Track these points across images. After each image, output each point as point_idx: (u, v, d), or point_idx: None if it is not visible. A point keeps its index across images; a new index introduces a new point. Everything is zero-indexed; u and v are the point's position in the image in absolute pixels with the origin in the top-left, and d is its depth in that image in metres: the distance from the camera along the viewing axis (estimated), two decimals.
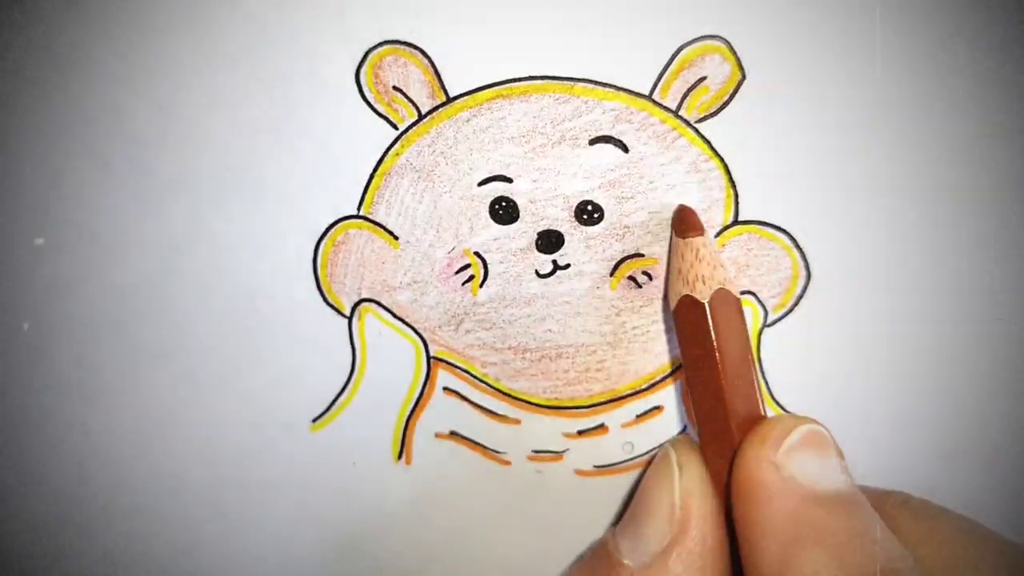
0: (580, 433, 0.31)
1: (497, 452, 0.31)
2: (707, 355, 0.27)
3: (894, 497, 0.28)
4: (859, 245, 0.29)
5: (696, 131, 0.28)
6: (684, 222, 0.28)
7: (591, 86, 0.28)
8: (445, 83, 0.28)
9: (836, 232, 0.29)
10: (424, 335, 0.31)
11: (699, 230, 0.28)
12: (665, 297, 0.30)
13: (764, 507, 0.24)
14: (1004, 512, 0.30)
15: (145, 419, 0.31)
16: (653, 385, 0.31)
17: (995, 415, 0.30)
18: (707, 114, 0.28)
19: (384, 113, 0.28)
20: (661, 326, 0.30)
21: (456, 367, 0.31)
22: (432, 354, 0.31)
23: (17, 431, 0.31)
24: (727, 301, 0.27)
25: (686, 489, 0.27)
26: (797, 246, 0.29)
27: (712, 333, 0.27)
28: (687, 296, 0.27)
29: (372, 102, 0.28)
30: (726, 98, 0.28)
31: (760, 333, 0.30)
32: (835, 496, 0.25)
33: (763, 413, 0.27)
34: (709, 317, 0.27)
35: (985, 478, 0.30)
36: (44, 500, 0.32)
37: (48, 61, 0.28)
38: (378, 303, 0.30)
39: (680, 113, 0.28)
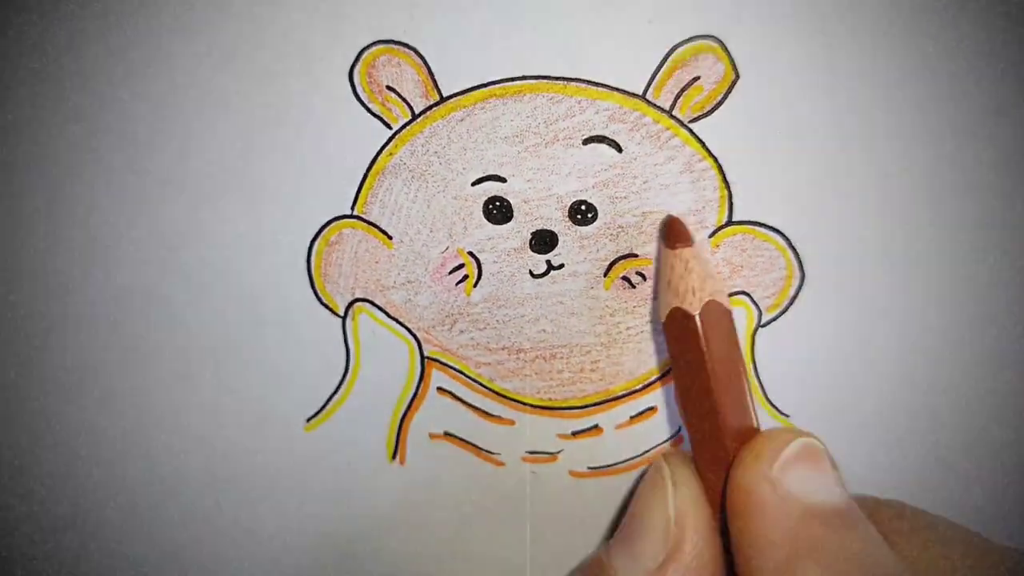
0: (574, 434, 0.31)
1: (491, 453, 0.31)
2: (698, 368, 0.26)
3: (889, 508, 0.28)
4: (853, 245, 0.29)
5: (690, 131, 0.28)
6: (673, 233, 0.28)
7: (584, 86, 0.28)
8: (439, 83, 0.28)
9: (830, 232, 0.29)
10: (418, 335, 0.30)
11: (688, 241, 0.28)
12: (654, 307, 0.29)
13: (761, 523, 0.24)
14: (1000, 512, 0.30)
15: (140, 418, 0.31)
16: (647, 386, 0.30)
17: (991, 415, 0.30)
18: (701, 114, 0.28)
19: (378, 112, 0.28)
20: (656, 326, 0.30)
21: (450, 367, 0.31)
22: (426, 354, 0.31)
23: (13, 430, 0.31)
24: (718, 312, 0.27)
25: (681, 505, 0.27)
26: (791, 246, 0.29)
27: (703, 345, 0.26)
28: (677, 308, 0.27)
29: (366, 101, 0.28)
30: (720, 98, 0.28)
31: (754, 333, 0.30)
32: (832, 511, 0.24)
33: (756, 425, 0.27)
34: (700, 329, 0.26)
35: (981, 478, 0.30)
36: (40, 499, 0.32)
37: (43, 61, 0.28)
38: (372, 303, 0.30)
39: (674, 113, 0.28)
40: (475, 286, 0.30)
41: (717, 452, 0.26)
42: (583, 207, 0.29)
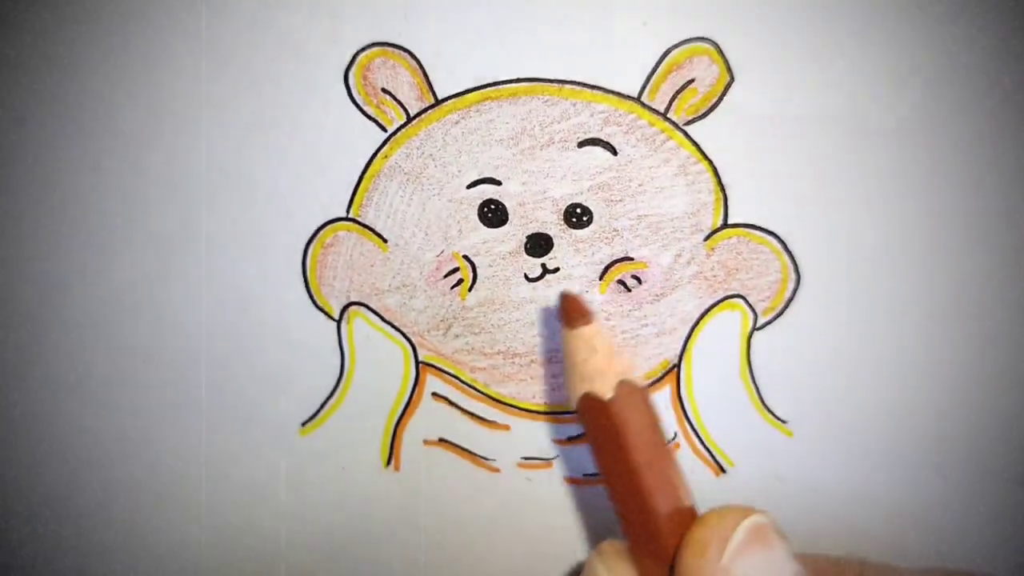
0: (570, 440, 0.31)
1: (487, 459, 0.31)
2: (620, 454, 0.25)
3: (850, 566, 0.27)
4: (848, 248, 0.29)
5: (685, 133, 0.28)
6: (570, 311, 0.26)
7: (580, 88, 0.28)
8: (433, 85, 0.28)
9: (825, 235, 0.29)
10: (413, 339, 0.30)
11: (588, 318, 0.26)
12: (567, 392, 0.28)
13: None
14: (997, 513, 0.30)
15: (135, 421, 0.31)
16: None
17: (987, 417, 0.30)
18: (696, 116, 0.28)
19: (373, 115, 0.29)
20: (651, 330, 0.30)
21: (445, 372, 0.31)
22: (421, 359, 0.31)
23: (10, 431, 0.31)
24: (631, 391, 0.25)
25: None
26: (786, 249, 0.29)
27: (622, 431, 0.25)
28: (588, 394, 0.26)
29: (361, 104, 0.28)
30: (715, 100, 0.28)
31: (750, 336, 0.30)
32: None
33: (691, 505, 0.25)
34: (616, 413, 0.25)
35: (978, 480, 0.30)
36: (36, 498, 0.31)
37: (39, 63, 0.28)
38: (367, 306, 0.30)
39: (669, 115, 0.28)
40: (470, 290, 0.30)
41: (655, 543, 0.25)
42: (578, 210, 0.29)
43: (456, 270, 0.30)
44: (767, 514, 0.24)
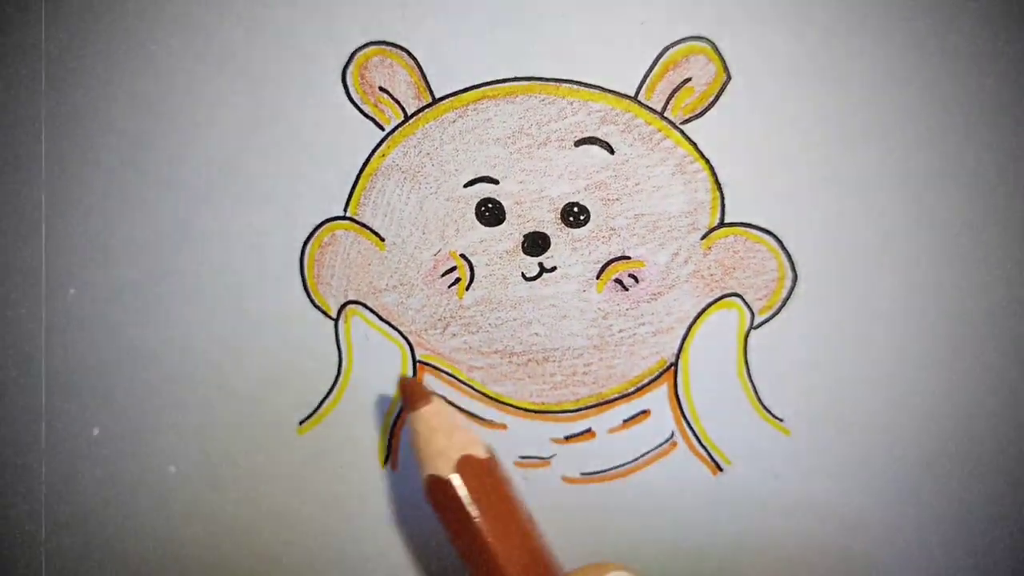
0: (567, 438, 0.31)
1: None
2: (470, 530, 0.24)
3: None
4: (845, 246, 0.29)
5: (682, 132, 0.28)
6: (408, 395, 0.26)
7: (577, 87, 0.28)
8: (431, 84, 0.28)
9: (822, 234, 0.29)
10: (410, 338, 0.30)
11: (426, 399, 0.26)
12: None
13: None
14: (994, 514, 0.30)
15: (133, 419, 0.31)
16: (640, 388, 0.30)
17: (984, 415, 0.30)
18: (692, 115, 0.28)
19: (370, 114, 0.29)
20: (648, 329, 0.30)
21: (442, 371, 0.31)
22: (418, 358, 0.31)
23: (11, 430, 0.31)
24: (476, 466, 0.25)
25: None
26: (783, 248, 0.29)
27: (466, 507, 0.24)
28: (430, 476, 0.25)
29: (358, 102, 0.29)
30: (711, 99, 0.28)
31: (747, 335, 0.30)
32: None
33: (552, 569, 0.25)
34: (457, 491, 0.25)
35: (975, 479, 0.30)
36: (37, 496, 0.32)
37: (38, 62, 0.28)
38: (364, 305, 0.30)
39: (666, 114, 0.28)
40: (467, 289, 0.30)
41: None
42: (575, 209, 0.29)
43: (453, 269, 0.30)
44: (631, 569, 0.24)
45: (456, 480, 0.25)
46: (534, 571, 0.24)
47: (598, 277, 0.29)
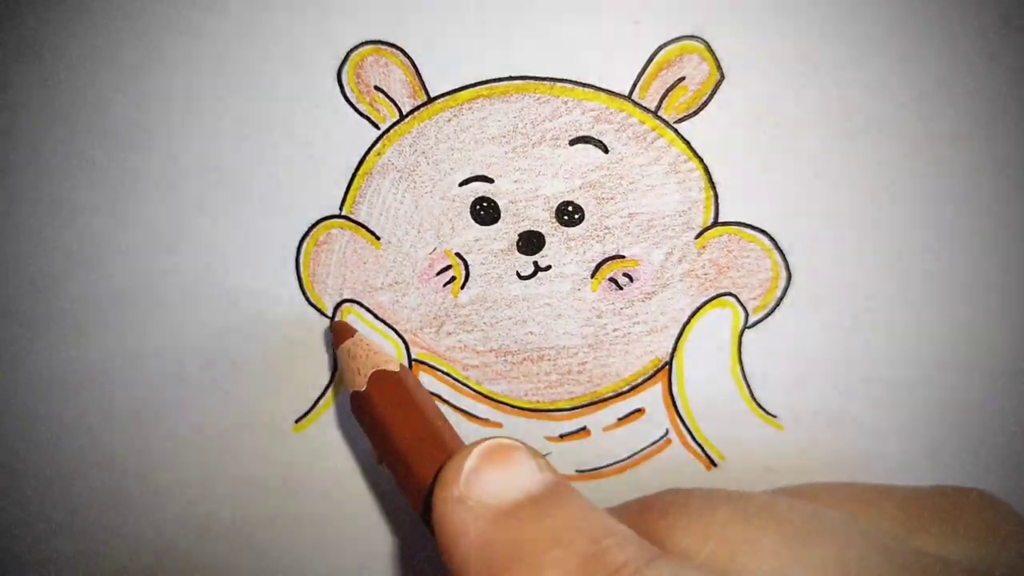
0: (562, 437, 0.31)
1: None
2: (384, 431, 0.26)
3: (666, 499, 0.24)
4: (839, 246, 0.29)
5: (675, 131, 0.28)
6: (336, 333, 0.29)
7: (571, 86, 0.28)
8: (426, 83, 0.28)
9: (816, 233, 0.29)
10: (405, 337, 0.30)
11: (350, 333, 0.29)
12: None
13: (461, 546, 0.22)
14: None
15: (129, 418, 0.31)
16: (634, 387, 0.30)
17: (979, 415, 0.30)
18: (686, 114, 0.28)
19: (366, 113, 0.29)
20: (642, 328, 0.30)
21: (438, 370, 0.31)
22: (414, 356, 0.31)
23: (4, 432, 0.31)
24: (388, 378, 0.27)
25: None
26: (777, 247, 0.29)
27: (379, 410, 0.27)
28: (353, 392, 0.28)
29: (354, 102, 0.29)
30: (705, 98, 0.28)
31: (741, 334, 0.30)
32: (527, 500, 0.22)
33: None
34: (371, 398, 0.27)
35: (966, 474, 0.30)
36: (30, 498, 0.32)
37: (34, 63, 0.28)
38: (360, 304, 0.30)
39: (659, 113, 0.28)
40: (462, 288, 0.30)
41: (421, 494, 0.25)
42: (570, 208, 0.29)
43: (449, 267, 0.30)
44: (511, 438, 0.24)
45: (369, 391, 0.27)
46: (439, 456, 0.25)
47: (593, 276, 0.30)
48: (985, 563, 0.22)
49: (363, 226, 0.30)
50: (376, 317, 0.30)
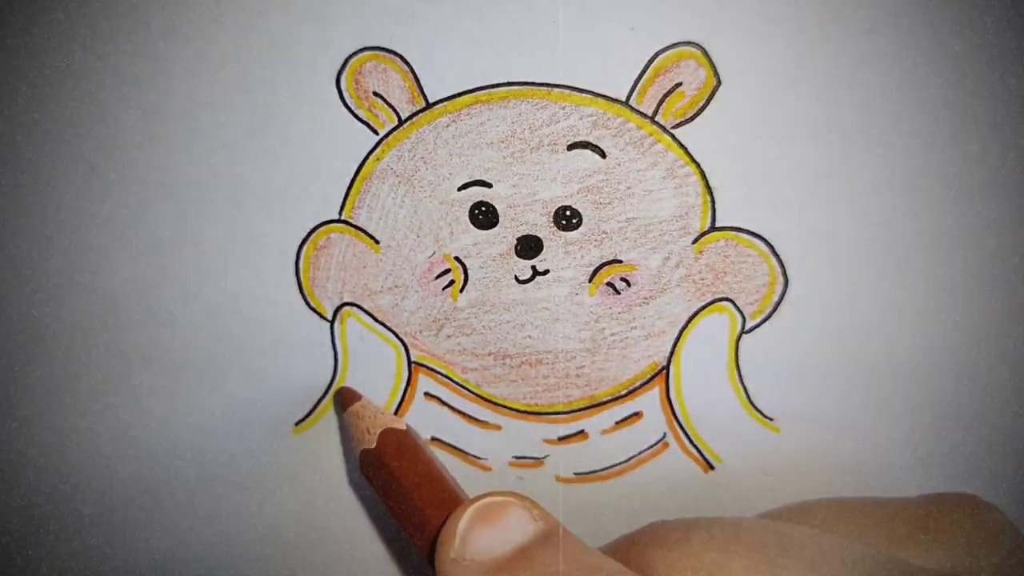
0: (560, 439, 0.31)
1: (478, 458, 0.31)
2: (394, 486, 0.27)
3: (657, 531, 0.25)
4: (836, 251, 0.29)
5: (672, 137, 0.28)
6: (342, 399, 0.31)
7: (568, 92, 0.28)
8: (424, 89, 0.28)
9: (813, 238, 0.29)
10: (405, 340, 0.31)
11: (356, 398, 0.30)
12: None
13: None
14: None
15: (130, 422, 0.31)
16: (632, 391, 0.31)
17: (976, 419, 0.30)
18: (683, 120, 0.28)
19: (364, 118, 0.29)
20: (640, 332, 0.30)
21: (437, 372, 0.31)
22: (413, 359, 0.31)
23: (4, 431, 0.31)
24: (397, 436, 0.28)
25: None
26: (774, 252, 0.29)
27: (389, 465, 0.28)
28: (363, 450, 0.29)
29: (353, 107, 0.29)
30: (701, 104, 0.28)
31: (738, 340, 0.30)
32: (516, 553, 0.24)
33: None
34: (382, 455, 0.28)
35: (962, 478, 0.30)
36: (29, 501, 0.32)
37: (33, 66, 0.29)
38: (360, 307, 0.30)
39: (656, 119, 0.28)
40: (461, 291, 0.30)
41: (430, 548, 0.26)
42: (568, 212, 0.29)
43: (447, 271, 0.30)
44: (506, 493, 0.25)
45: (379, 448, 0.28)
46: (449, 507, 0.26)
47: (590, 280, 0.30)
48: (969, 569, 0.22)
49: (362, 230, 0.30)
50: (376, 320, 0.31)
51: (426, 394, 0.31)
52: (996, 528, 0.24)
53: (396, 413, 0.31)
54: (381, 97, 0.29)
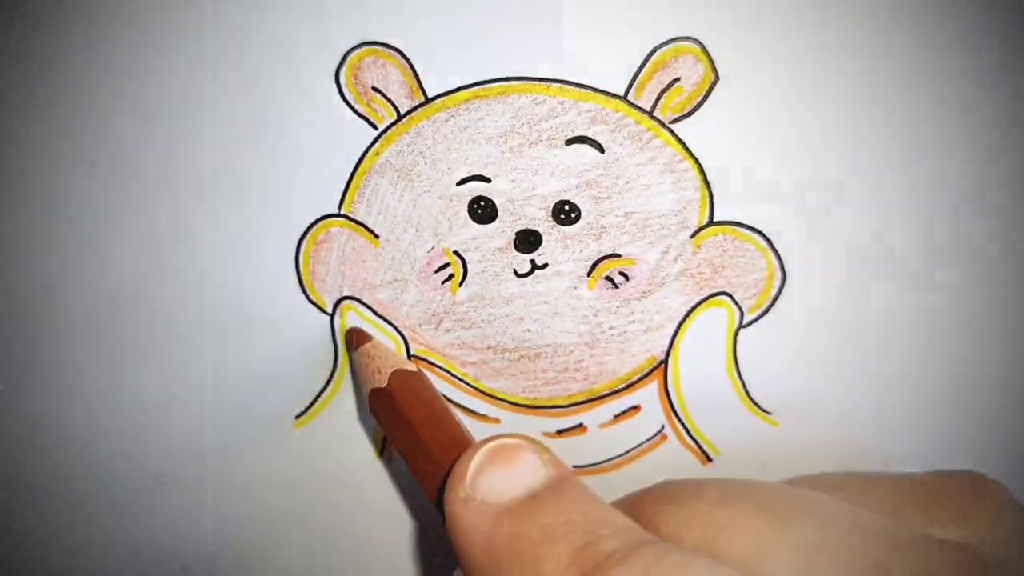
0: (559, 433, 0.31)
1: None
2: (402, 424, 0.27)
3: (674, 489, 0.24)
4: (834, 245, 0.29)
5: (671, 131, 0.29)
6: (353, 339, 0.30)
7: (567, 87, 0.28)
8: (423, 83, 0.29)
9: (811, 232, 0.29)
10: (404, 333, 0.31)
11: (367, 338, 0.30)
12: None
13: (468, 544, 0.23)
14: None
15: (130, 418, 0.31)
16: (631, 385, 0.31)
17: (974, 413, 0.30)
18: (681, 115, 0.28)
19: (363, 113, 0.29)
20: (638, 326, 0.30)
21: (436, 366, 0.31)
22: (413, 353, 0.31)
23: (4, 430, 0.31)
24: (406, 376, 0.28)
25: None
26: (772, 246, 0.29)
27: (399, 404, 0.27)
28: (371, 389, 0.28)
29: (352, 102, 0.29)
30: (700, 99, 0.28)
31: (736, 334, 0.30)
32: (526, 499, 0.23)
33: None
34: (392, 393, 0.28)
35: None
36: (30, 498, 0.32)
37: (33, 64, 0.29)
38: (359, 301, 0.31)
39: (655, 114, 0.28)
40: (460, 285, 0.30)
41: (435, 485, 0.26)
42: (566, 207, 0.29)
43: (447, 265, 0.30)
44: (517, 436, 0.24)
45: (390, 387, 0.28)
46: (457, 448, 0.26)
47: (589, 274, 0.30)
48: (975, 542, 0.22)
49: (362, 225, 0.30)
50: (375, 314, 0.31)
51: None
52: (1003, 504, 0.24)
53: None
54: (380, 92, 0.29)
